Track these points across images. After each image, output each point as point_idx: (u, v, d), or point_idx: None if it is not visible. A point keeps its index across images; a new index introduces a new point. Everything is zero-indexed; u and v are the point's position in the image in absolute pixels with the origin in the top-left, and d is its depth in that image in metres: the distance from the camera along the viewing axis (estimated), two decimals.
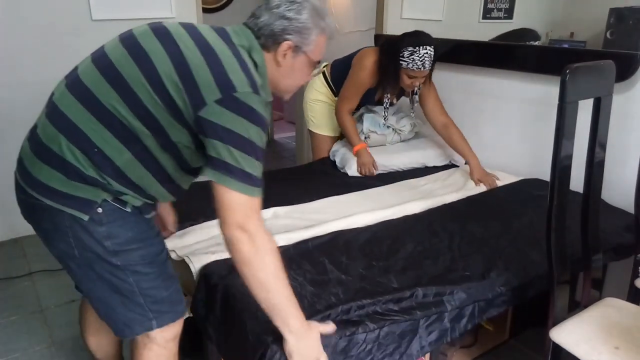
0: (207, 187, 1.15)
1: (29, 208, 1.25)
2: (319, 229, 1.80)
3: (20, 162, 1.25)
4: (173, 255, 1.67)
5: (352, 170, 2.47)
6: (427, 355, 1.58)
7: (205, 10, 3.87)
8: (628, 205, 1.93)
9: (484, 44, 2.58)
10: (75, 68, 1.27)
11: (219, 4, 4.73)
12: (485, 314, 1.56)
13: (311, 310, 1.34)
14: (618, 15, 2.05)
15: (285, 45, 1.24)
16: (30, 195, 1.21)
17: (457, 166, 2.59)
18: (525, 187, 2.27)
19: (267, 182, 1.20)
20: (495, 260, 1.65)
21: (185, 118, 1.16)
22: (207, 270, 1.54)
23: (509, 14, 2.58)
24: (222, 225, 1.15)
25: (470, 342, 2.02)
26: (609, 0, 2.10)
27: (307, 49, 1.27)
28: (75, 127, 1.16)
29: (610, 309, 1.46)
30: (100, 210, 1.19)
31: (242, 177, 1.13)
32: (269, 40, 1.25)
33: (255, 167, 1.14)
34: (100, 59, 1.22)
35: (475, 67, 2.60)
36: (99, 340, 1.62)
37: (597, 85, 1.41)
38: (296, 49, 1.26)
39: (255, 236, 1.13)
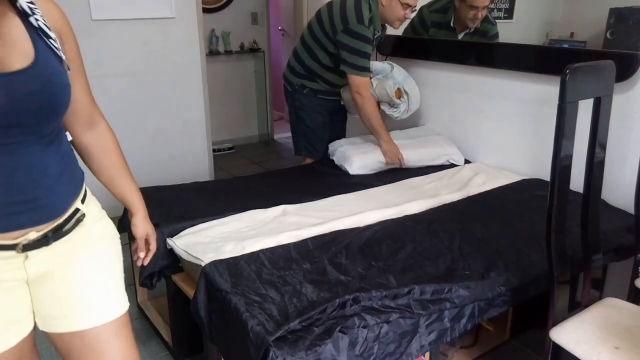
0: (207, 189, 1.16)
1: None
2: (327, 226, 1.82)
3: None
4: (183, 255, 1.68)
5: (353, 168, 2.47)
6: (427, 355, 1.59)
7: (205, 10, 3.87)
8: (628, 205, 1.94)
9: (484, 44, 2.58)
10: None
11: (219, 4, 4.73)
12: (485, 314, 1.56)
13: (309, 306, 1.35)
14: (618, 15, 2.06)
15: None
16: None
17: (457, 165, 2.59)
18: (526, 187, 2.27)
19: (271, 182, 1.21)
20: (495, 260, 1.66)
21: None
22: (207, 269, 1.54)
23: (509, 14, 2.58)
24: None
25: (471, 342, 2.03)
26: (609, 0, 2.10)
27: None
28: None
29: (611, 309, 1.46)
30: None
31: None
32: None
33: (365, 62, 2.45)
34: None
35: (475, 67, 2.60)
36: None
37: (597, 85, 1.41)
38: None
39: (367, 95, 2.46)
